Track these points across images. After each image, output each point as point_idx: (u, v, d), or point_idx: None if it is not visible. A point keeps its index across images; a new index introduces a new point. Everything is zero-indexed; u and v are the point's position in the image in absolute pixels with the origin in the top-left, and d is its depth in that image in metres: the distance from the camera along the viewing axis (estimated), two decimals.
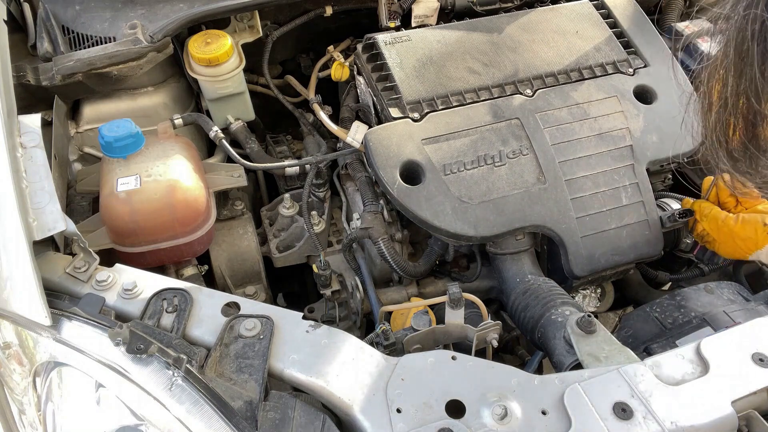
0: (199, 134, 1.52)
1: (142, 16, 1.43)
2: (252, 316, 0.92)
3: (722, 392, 0.86)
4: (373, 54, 1.33)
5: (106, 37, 1.41)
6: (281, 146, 1.64)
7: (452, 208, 1.14)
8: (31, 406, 0.98)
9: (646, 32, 1.41)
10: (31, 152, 1.07)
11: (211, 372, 0.86)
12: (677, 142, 1.26)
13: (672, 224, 1.29)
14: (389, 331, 1.01)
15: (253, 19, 1.52)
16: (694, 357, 0.91)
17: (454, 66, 1.30)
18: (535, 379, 0.89)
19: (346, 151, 1.34)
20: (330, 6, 1.56)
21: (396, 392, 0.86)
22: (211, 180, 1.32)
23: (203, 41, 1.42)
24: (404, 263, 1.21)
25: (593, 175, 1.20)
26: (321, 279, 1.29)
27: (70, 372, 0.90)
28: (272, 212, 1.50)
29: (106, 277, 0.97)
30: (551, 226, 1.16)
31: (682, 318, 1.10)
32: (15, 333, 0.95)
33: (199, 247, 1.27)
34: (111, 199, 1.15)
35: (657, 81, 1.32)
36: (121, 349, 0.84)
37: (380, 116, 1.29)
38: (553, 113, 1.25)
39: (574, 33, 1.38)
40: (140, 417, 0.83)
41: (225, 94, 1.47)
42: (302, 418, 0.83)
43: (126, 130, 1.20)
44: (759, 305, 1.11)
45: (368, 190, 1.27)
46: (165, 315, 0.93)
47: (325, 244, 1.44)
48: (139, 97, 1.46)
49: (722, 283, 1.19)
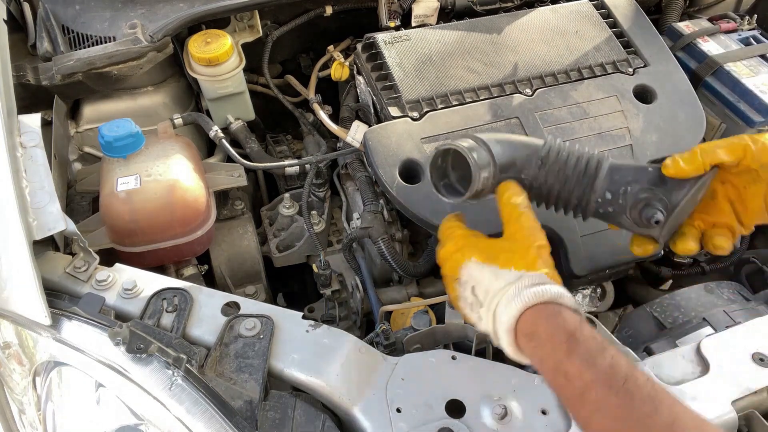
0: (199, 134, 1.52)
1: (142, 16, 1.43)
2: (252, 316, 0.92)
3: (722, 392, 0.86)
4: (372, 53, 1.33)
5: (106, 37, 1.41)
6: (281, 146, 1.64)
7: (451, 207, 1.13)
8: (31, 405, 0.98)
9: (646, 32, 1.41)
10: (31, 152, 1.07)
11: (211, 372, 0.86)
12: (677, 141, 1.26)
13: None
14: (389, 330, 1.01)
15: (253, 19, 1.52)
16: (694, 357, 0.91)
17: (454, 65, 1.30)
18: (535, 379, 0.89)
19: (346, 151, 1.34)
20: (330, 6, 1.56)
21: (396, 392, 0.86)
22: (211, 180, 1.32)
23: (203, 41, 1.42)
24: (404, 263, 1.21)
25: None
26: (321, 279, 1.29)
27: (70, 372, 0.90)
28: (272, 212, 1.50)
29: (106, 277, 0.97)
30: (550, 225, 1.16)
31: (682, 318, 1.10)
32: (15, 333, 0.95)
33: (199, 246, 1.27)
34: (111, 198, 1.15)
35: (657, 81, 1.32)
36: (121, 349, 0.84)
37: (380, 115, 1.29)
38: (553, 113, 1.25)
39: (574, 33, 1.38)
40: (140, 417, 0.83)
41: (225, 93, 1.47)
42: (302, 417, 0.83)
43: (126, 130, 1.20)
44: (759, 305, 1.11)
45: (368, 190, 1.27)
46: (165, 315, 0.93)
47: (325, 244, 1.44)
48: (139, 96, 1.46)
49: (722, 283, 1.19)
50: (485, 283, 0.79)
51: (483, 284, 0.79)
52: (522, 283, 0.75)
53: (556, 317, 0.72)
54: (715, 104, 1.41)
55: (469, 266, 0.82)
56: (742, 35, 1.52)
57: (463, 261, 0.83)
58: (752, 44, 1.50)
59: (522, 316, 0.74)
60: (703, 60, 1.45)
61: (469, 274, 0.81)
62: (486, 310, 0.77)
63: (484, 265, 0.80)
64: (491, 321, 0.76)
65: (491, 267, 0.79)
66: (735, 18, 1.57)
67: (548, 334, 0.71)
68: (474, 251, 0.83)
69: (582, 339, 0.69)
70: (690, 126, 1.29)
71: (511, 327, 0.74)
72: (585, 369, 0.67)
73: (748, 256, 1.36)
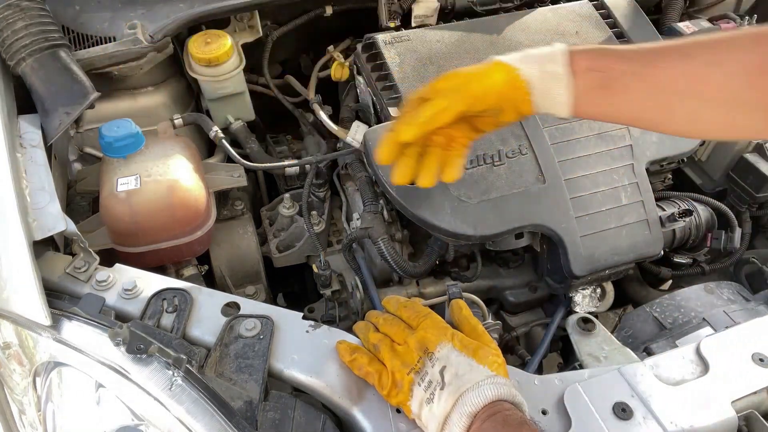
0: (199, 134, 1.52)
1: (142, 16, 1.43)
2: (252, 316, 0.92)
3: (722, 392, 0.86)
4: (372, 54, 1.33)
5: (105, 37, 1.41)
6: (281, 146, 1.64)
7: (451, 207, 1.14)
8: (31, 406, 0.98)
9: (646, 32, 1.41)
10: (31, 152, 1.07)
11: (210, 372, 0.86)
12: (677, 142, 1.26)
13: (672, 224, 1.29)
14: None
15: (253, 19, 1.52)
16: (694, 357, 0.91)
17: (454, 66, 1.29)
18: (535, 379, 0.89)
19: (346, 151, 1.34)
20: (330, 6, 1.56)
21: None
22: (211, 180, 1.32)
23: (203, 41, 1.42)
24: (404, 263, 1.21)
25: (593, 175, 1.20)
26: (321, 279, 1.29)
27: (70, 372, 0.90)
28: (272, 212, 1.50)
29: (106, 277, 0.97)
30: (550, 226, 1.16)
31: (682, 318, 1.10)
32: (15, 333, 0.95)
33: (199, 247, 1.27)
34: (111, 199, 1.15)
35: None
36: (121, 349, 0.84)
37: (380, 116, 1.29)
38: None
39: (574, 33, 1.38)
40: (140, 417, 0.83)
41: (225, 94, 1.47)
42: (302, 418, 0.83)
43: (126, 130, 1.20)
44: (759, 305, 1.11)
45: (368, 190, 1.27)
46: (165, 315, 0.93)
47: (325, 244, 1.44)
48: (139, 97, 1.46)
49: (722, 283, 1.19)
50: (459, 369, 0.79)
51: (456, 369, 0.79)
52: (496, 380, 0.78)
53: (510, 414, 0.75)
54: None
55: (449, 348, 0.82)
56: None
57: (444, 341, 0.83)
58: None
59: (486, 406, 0.75)
60: None
61: (446, 355, 0.81)
62: (448, 394, 0.77)
63: (462, 353, 0.82)
64: (449, 405, 0.77)
65: (468, 358, 0.81)
66: (735, 18, 1.57)
67: (501, 424, 0.74)
68: (456, 337, 0.84)
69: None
70: None
71: (474, 412, 0.75)
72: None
73: (748, 256, 1.36)
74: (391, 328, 0.88)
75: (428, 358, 0.82)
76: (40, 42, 1.21)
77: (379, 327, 0.90)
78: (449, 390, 0.78)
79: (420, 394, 0.80)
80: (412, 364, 0.82)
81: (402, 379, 0.82)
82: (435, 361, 0.81)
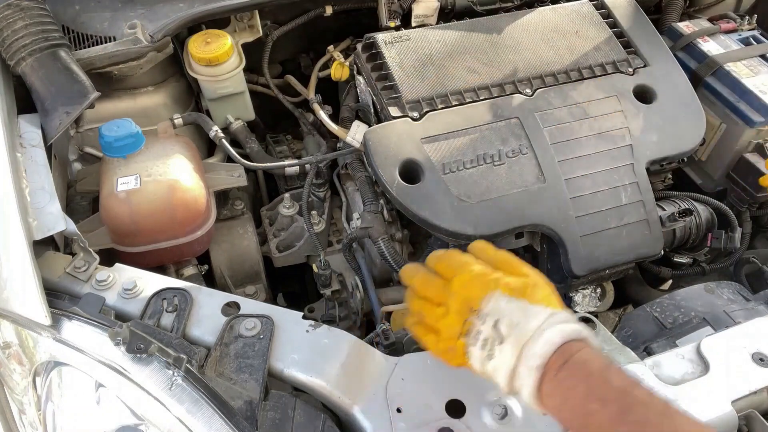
0: (199, 134, 1.52)
1: (142, 16, 1.43)
2: (252, 316, 0.92)
3: (722, 392, 0.86)
4: (372, 53, 1.33)
5: (105, 37, 1.40)
6: (281, 146, 1.64)
7: (451, 207, 1.14)
8: (31, 405, 0.98)
9: (646, 32, 1.41)
10: (31, 152, 1.08)
11: (211, 372, 0.86)
12: (677, 142, 1.26)
13: (672, 224, 1.29)
14: (389, 330, 1.01)
15: (253, 19, 1.52)
16: (694, 357, 0.91)
17: (454, 65, 1.30)
18: None
19: (346, 151, 1.34)
20: (330, 6, 1.55)
21: (396, 392, 0.86)
22: (211, 180, 1.32)
23: (203, 41, 1.42)
24: (404, 263, 1.21)
25: (593, 175, 1.20)
26: (321, 279, 1.29)
27: (70, 372, 0.90)
28: (272, 212, 1.50)
29: (106, 277, 0.97)
30: (550, 225, 1.16)
31: (682, 318, 1.10)
32: (15, 333, 0.95)
33: (199, 247, 1.27)
34: (111, 198, 1.15)
35: (657, 81, 1.32)
36: (121, 349, 0.83)
37: (380, 115, 1.29)
38: (553, 112, 1.25)
39: (574, 33, 1.38)
40: (140, 417, 0.83)
41: (225, 93, 1.47)
42: (302, 418, 0.83)
43: (126, 130, 1.20)
44: (759, 305, 1.11)
45: (368, 190, 1.27)
46: (165, 315, 0.93)
47: (325, 244, 1.44)
48: (139, 97, 1.46)
49: (722, 283, 1.19)
50: (514, 318, 0.74)
51: (511, 318, 0.74)
52: (556, 318, 0.73)
53: (586, 357, 0.70)
54: (715, 104, 1.41)
55: (496, 298, 0.77)
56: (742, 35, 1.52)
57: (488, 292, 0.77)
58: (752, 44, 1.50)
59: (554, 353, 0.71)
60: (703, 60, 1.45)
61: (495, 307, 0.76)
62: (510, 346, 0.72)
63: (512, 298, 0.76)
64: (513, 358, 0.72)
65: (519, 301, 0.76)
66: (735, 18, 1.57)
67: (584, 373, 0.69)
68: (500, 283, 0.78)
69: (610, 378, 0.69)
70: (690, 126, 1.29)
71: (542, 364, 0.70)
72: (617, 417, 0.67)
73: (748, 256, 1.36)
74: (428, 289, 0.82)
75: (476, 316, 0.76)
76: (40, 42, 1.21)
77: (417, 291, 0.84)
78: (510, 342, 0.73)
79: (477, 353, 0.75)
80: (460, 329, 0.77)
81: (454, 346, 0.78)
82: (485, 317, 0.75)
